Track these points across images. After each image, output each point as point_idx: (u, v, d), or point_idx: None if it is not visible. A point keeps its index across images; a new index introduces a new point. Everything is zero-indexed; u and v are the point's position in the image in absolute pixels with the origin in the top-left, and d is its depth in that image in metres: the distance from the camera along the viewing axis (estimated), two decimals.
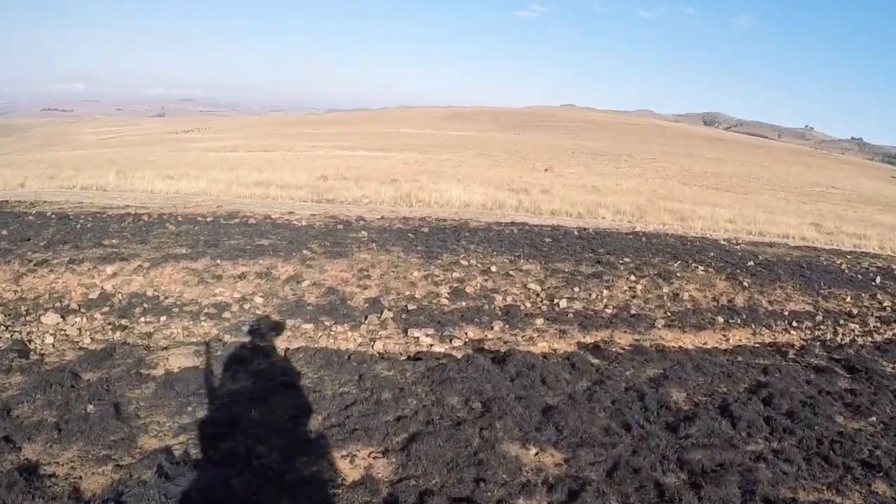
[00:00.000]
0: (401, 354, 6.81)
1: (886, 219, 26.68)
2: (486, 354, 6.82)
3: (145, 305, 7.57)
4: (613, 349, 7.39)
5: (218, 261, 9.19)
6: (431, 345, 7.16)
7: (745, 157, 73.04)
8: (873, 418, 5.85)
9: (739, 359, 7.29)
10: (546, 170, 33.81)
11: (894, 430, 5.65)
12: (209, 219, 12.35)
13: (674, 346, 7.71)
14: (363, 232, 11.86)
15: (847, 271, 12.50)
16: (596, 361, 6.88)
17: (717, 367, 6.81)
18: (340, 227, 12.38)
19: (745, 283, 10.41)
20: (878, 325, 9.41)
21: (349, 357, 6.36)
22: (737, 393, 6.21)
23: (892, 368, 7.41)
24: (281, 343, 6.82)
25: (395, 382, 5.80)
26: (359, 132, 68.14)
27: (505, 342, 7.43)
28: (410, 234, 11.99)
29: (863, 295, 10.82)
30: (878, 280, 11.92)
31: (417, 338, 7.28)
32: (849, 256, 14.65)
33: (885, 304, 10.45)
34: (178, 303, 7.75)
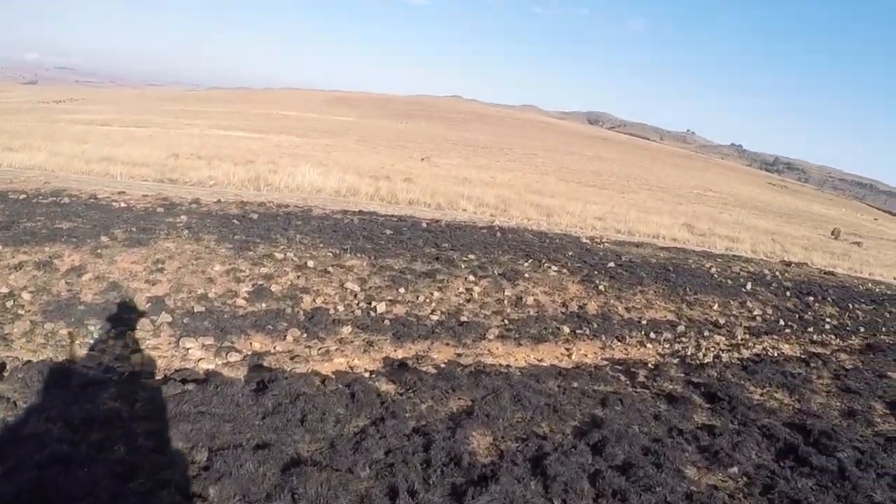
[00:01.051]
0: (156, 373, 5.52)
1: (761, 223, 26.87)
2: (259, 374, 5.55)
3: None
4: (423, 369, 5.96)
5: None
6: (200, 359, 5.88)
7: (627, 157, 74.41)
8: (734, 469, 4.49)
9: (575, 385, 5.79)
10: (423, 159, 32.52)
11: (760, 485, 4.29)
12: (21, 196, 10.53)
13: (500, 366, 6.20)
14: (183, 217, 10.21)
15: (716, 276, 11.47)
16: (387, 388, 5.34)
17: (542, 398, 5.27)
18: (161, 209, 10.63)
19: (602, 287, 9.09)
20: (747, 337, 8.40)
21: (73, 377, 5.09)
22: (561, 436, 4.68)
23: (761, 395, 6.15)
24: (23, 354, 5.53)
25: (115, 417, 4.48)
26: (240, 112, 65.01)
27: (293, 357, 6.12)
28: (236, 221, 10.33)
29: (731, 302, 9.77)
30: (748, 286, 10.90)
31: (188, 350, 6.03)
32: (719, 260, 13.78)
33: (755, 313, 9.44)
34: None
